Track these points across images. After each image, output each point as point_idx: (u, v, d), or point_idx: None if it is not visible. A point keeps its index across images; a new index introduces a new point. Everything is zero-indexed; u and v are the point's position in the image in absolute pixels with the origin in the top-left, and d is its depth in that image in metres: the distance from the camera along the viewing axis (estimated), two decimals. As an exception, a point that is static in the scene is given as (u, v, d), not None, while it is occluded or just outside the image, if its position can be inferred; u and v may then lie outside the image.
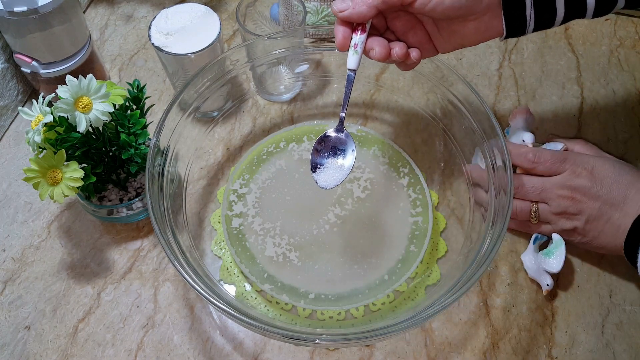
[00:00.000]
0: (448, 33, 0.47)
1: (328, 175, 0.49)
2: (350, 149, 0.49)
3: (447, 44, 0.48)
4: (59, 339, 0.53)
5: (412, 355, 0.52)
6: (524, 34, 0.47)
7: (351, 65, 0.46)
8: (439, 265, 0.57)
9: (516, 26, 0.46)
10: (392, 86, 0.69)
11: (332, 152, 0.50)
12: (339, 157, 0.49)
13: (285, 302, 0.54)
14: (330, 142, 0.50)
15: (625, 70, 0.72)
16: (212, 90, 0.59)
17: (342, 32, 0.46)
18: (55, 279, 0.56)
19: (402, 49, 0.46)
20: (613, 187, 0.52)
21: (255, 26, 0.66)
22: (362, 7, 0.44)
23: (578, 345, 0.53)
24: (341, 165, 0.49)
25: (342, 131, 0.50)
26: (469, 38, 0.48)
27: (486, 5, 0.45)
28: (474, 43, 0.48)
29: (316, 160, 0.50)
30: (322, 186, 0.49)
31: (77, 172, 0.48)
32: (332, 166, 0.49)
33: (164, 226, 0.48)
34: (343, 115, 0.49)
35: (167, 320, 0.54)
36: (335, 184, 0.49)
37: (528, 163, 0.54)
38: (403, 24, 0.47)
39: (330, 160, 0.49)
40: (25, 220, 0.60)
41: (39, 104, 0.48)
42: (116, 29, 0.77)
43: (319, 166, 0.49)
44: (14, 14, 0.55)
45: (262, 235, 0.58)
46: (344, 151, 0.49)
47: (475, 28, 0.46)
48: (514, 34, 0.47)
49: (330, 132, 0.50)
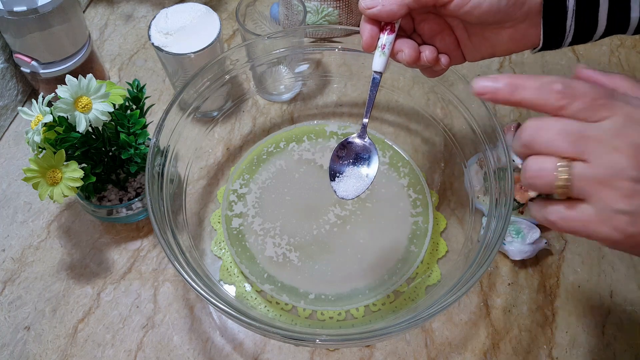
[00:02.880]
0: (479, 40, 0.44)
1: (348, 185, 0.46)
2: (375, 158, 0.46)
3: (477, 52, 0.45)
4: (59, 339, 0.53)
5: (412, 356, 0.52)
6: (559, 47, 0.44)
7: (377, 68, 0.43)
8: (439, 266, 0.57)
9: (554, 37, 0.43)
10: (392, 86, 0.69)
11: (354, 161, 0.47)
12: (361, 166, 0.46)
13: (285, 303, 0.54)
14: (352, 150, 0.47)
15: (625, 70, 0.72)
16: (212, 90, 0.59)
17: (370, 31, 0.42)
18: (55, 279, 0.56)
19: (433, 53, 0.43)
20: None
21: (255, 26, 0.66)
22: (393, 4, 0.40)
23: (579, 345, 0.53)
24: (363, 174, 0.46)
25: (365, 138, 0.47)
26: (501, 47, 0.44)
27: (525, 12, 0.41)
28: (505, 53, 0.45)
29: (336, 167, 0.47)
30: (341, 196, 0.46)
31: (77, 172, 0.47)
32: (353, 175, 0.46)
33: (164, 226, 0.48)
34: (366, 122, 0.45)
35: (167, 320, 0.54)
36: (356, 194, 0.46)
37: (555, 98, 0.31)
38: (431, 27, 0.44)
39: (352, 169, 0.46)
40: (25, 220, 0.60)
41: (38, 104, 0.48)
42: (116, 28, 0.77)
43: (339, 175, 0.47)
44: (14, 13, 0.55)
45: (262, 235, 0.58)
46: (367, 160, 0.46)
47: (510, 36, 0.43)
48: (550, 45, 0.43)
49: (354, 139, 0.47)
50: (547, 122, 0.32)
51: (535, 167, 0.32)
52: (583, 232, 0.32)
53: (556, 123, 0.32)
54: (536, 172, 0.32)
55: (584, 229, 0.32)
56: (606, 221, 0.31)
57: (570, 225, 0.32)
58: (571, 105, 0.31)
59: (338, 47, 0.62)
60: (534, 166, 0.32)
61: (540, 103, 0.32)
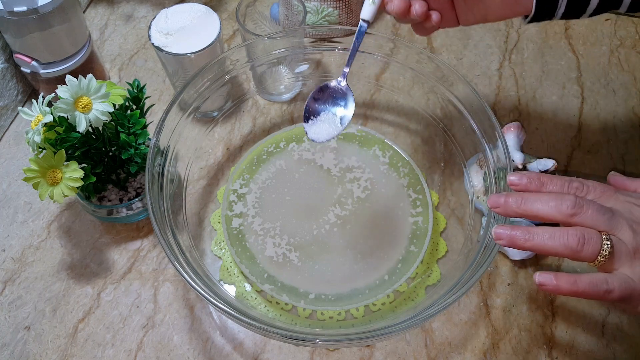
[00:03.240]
0: (473, 1, 0.45)
1: (321, 129, 0.47)
2: (351, 105, 0.47)
3: (470, 14, 0.46)
4: (59, 339, 0.53)
5: (412, 356, 0.52)
6: (551, 18, 0.45)
7: (365, 16, 0.44)
8: (439, 266, 0.57)
9: (546, 7, 0.43)
10: (392, 86, 0.69)
11: (330, 104, 0.47)
12: (335, 110, 0.47)
13: (285, 303, 0.54)
14: (330, 94, 0.47)
15: (625, 70, 0.72)
16: (212, 90, 0.59)
17: None
18: (55, 279, 0.56)
19: (423, 7, 0.44)
20: None
21: (255, 26, 0.66)
22: None
23: (578, 345, 0.53)
24: (336, 119, 0.47)
25: (344, 84, 0.47)
26: (494, 10, 0.45)
27: None
28: (498, 17, 0.45)
29: (311, 110, 0.47)
30: (311, 138, 0.46)
31: (77, 172, 0.47)
32: (326, 120, 0.47)
33: (164, 226, 0.48)
34: (346, 71, 0.46)
35: (167, 320, 0.54)
36: (327, 138, 0.46)
37: (569, 208, 0.38)
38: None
39: (326, 114, 0.47)
40: (25, 220, 0.60)
41: (38, 104, 0.48)
42: (116, 28, 0.77)
43: (313, 117, 0.47)
44: (14, 13, 0.55)
45: (262, 235, 0.58)
46: (343, 105, 0.47)
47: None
48: (542, 16, 0.44)
49: (332, 83, 0.47)
50: (589, 206, 0.39)
51: (580, 239, 0.38)
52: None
53: (593, 204, 0.39)
54: (582, 243, 0.38)
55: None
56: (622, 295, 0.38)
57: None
58: (581, 212, 0.38)
59: (338, 47, 0.62)
60: (576, 239, 0.38)
61: (552, 217, 0.39)
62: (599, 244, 0.37)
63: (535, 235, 0.38)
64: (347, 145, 0.64)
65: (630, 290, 0.38)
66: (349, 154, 0.63)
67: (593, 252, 0.37)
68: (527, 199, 0.39)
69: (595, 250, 0.37)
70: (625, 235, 0.38)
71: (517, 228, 0.39)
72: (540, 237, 0.38)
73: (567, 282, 0.38)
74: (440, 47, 0.75)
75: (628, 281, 0.38)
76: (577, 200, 0.38)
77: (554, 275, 0.38)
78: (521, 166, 0.55)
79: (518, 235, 0.39)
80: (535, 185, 0.41)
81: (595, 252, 0.37)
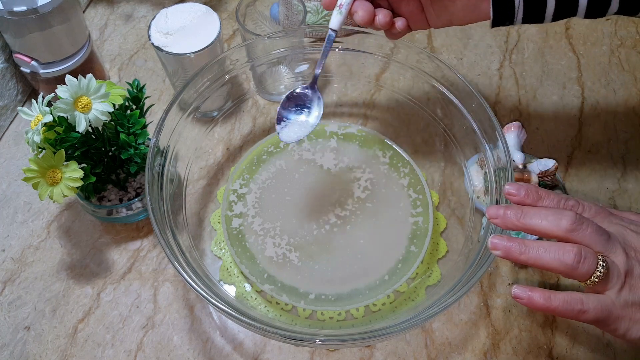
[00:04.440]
0: (439, 7, 0.47)
1: (292, 130, 0.51)
2: (316, 106, 0.51)
3: (438, 18, 0.48)
4: (59, 339, 0.53)
5: (412, 356, 0.52)
6: (512, 24, 0.47)
7: (333, 25, 0.47)
8: (439, 266, 0.57)
9: (503, 12, 0.46)
10: (392, 86, 0.69)
11: (299, 108, 0.51)
12: (304, 113, 0.51)
13: (285, 303, 0.54)
14: (300, 99, 0.51)
15: (626, 70, 0.72)
16: (212, 90, 0.59)
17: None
18: (55, 279, 0.56)
19: (386, 17, 0.47)
20: None
21: (255, 26, 0.66)
22: None
23: (578, 345, 0.53)
24: (305, 121, 0.51)
25: (312, 89, 0.51)
26: (457, 16, 0.47)
27: None
28: (462, 22, 0.48)
29: (282, 114, 0.51)
30: (283, 140, 0.50)
31: (77, 172, 0.47)
32: (297, 122, 0.51)
33: (164, 226, 0.48)
34: (317, 72, 0.50)
35: (167, 320, 0.54)
36: (297, 138, 0.50)
37: (568, 224, 0.37)
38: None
39: (296, 117, 0.51)
40: (25, 220, 0.60)
41: (38, 104, 0.48)
42: (116, 28, 0.76)
43: (284, 120, 0.51)
44: (14, 13, 0.55)
45: (262, 235, 0.58)
46: (310, 108, 0.51)
47: (463, 6, 0.46)
48: (502, 21, 0.46)
49: (299, 90, 0.51)
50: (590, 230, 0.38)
51: (569, 258, 0.37)
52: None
53: (592, 226, 0.38)
54: (573, 261, 0.37)
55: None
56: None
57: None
58: (580, 230, 0.38)
59: (338, 47, 0.62)
60: (568, 257, 0.37)
61: (554, 234, 0.38)
62: (595, 264, 0.37)
63: (531, 248, 0.38)
64: (347, 145, 0.64)
65: (607, 313, 0.37)
66: (349, 154, 0.63)
67: (587, 271, 0.37)
68: (527, 212, 0.39)
69: (590, 270, 0.37)
70: (618, 259, 0.38)
71: (513, 240, 0.39)
72: (535, 250, 0.38)
73: (541, 297, 0.38)
74: (440, 47, 0.75)
75: (606, 303, 0.37)
76: (577, 217, 0.38)
77: (530, 289, 0.38)
78: (522, 166, 0.55)
79: (514, 247, 0.38)
80: (532, 198, 0.40)
81: (589, 272, 0.37)
